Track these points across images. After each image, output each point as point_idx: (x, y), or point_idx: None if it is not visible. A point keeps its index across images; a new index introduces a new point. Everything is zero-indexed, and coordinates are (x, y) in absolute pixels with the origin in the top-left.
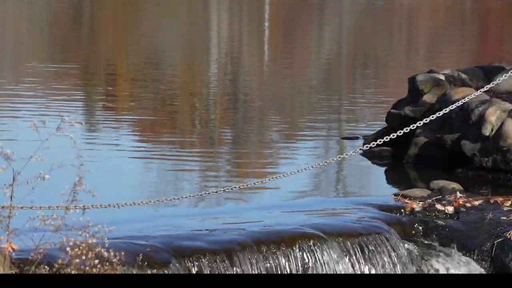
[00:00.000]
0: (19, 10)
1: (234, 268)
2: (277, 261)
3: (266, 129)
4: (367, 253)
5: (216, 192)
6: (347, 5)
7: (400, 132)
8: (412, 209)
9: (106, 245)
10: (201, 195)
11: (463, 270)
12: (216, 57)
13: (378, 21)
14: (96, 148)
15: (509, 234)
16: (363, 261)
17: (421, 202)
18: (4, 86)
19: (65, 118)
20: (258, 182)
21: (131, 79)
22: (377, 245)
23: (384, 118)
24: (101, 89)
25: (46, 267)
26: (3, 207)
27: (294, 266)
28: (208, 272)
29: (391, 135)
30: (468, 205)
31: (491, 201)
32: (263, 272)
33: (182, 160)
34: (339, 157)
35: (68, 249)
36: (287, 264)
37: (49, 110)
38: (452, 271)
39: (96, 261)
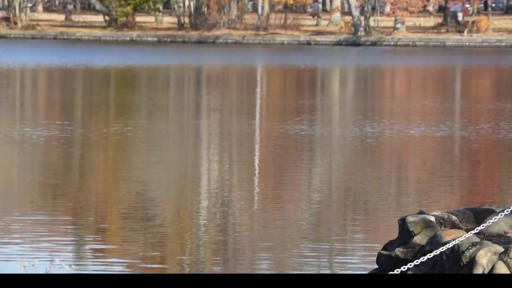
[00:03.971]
0: (9, 151)
1: None
2: None
3: (255, 268)
4: None
5: None
6: (337, 140)
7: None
8: None
9: None
10: None
11: None
12: (206, 199)
13: (368, 159)
14: None
15: None
16: None
17: None
18: None
19: (55, 261)
20: None
21: (120, 226)
22: None
23: (375, 259)
24: (91, 235)
25: None
26: None
27: None
28: None
29: None
30: None
31: None
32: None
33: None
34: None
35: None
36: None
37: (38, 253)
38: None
39: None
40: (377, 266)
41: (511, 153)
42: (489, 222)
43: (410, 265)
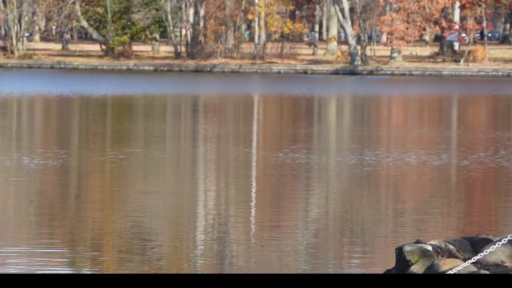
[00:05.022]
0: (5, 181)
1: None
2: None
3: None
4: None
5: None
6: (334, 169)
7: None
8: None
9: None
10: None
11: None
12: (203, 228)
13: (365, 187)
14: None
15: None
16: None
17: None
18: None
19: None
20: None
21: (116, 257)
22: None
23: None
24: (86, 266)
25: None
26: None
27: None
28: None
29: None
30: None
31: None
32: None
33: None
34: None
35: None
36: None
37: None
38: None
39: None
40: None
41: (508, 182)
42: (486, 252)
43: None
